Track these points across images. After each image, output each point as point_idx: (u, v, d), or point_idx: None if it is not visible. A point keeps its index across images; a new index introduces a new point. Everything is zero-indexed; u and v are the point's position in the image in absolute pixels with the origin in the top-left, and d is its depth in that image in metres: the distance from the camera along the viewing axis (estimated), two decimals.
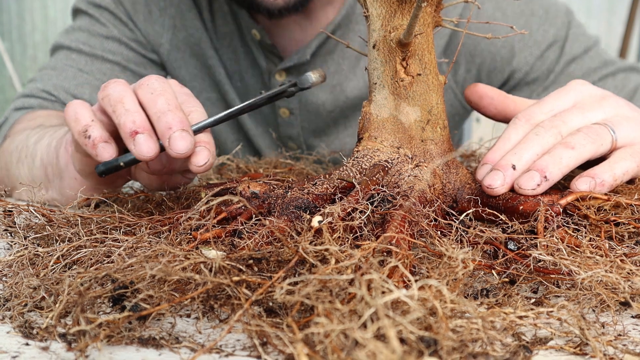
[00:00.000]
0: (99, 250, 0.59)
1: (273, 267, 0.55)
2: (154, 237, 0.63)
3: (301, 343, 0.42)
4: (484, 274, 0.60)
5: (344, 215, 0.62)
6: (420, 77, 0.71)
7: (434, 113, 0.72)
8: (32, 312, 0.53)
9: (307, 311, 0.50)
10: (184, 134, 0.66)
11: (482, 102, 0.78)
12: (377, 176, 0.69)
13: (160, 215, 0.71)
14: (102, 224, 0.67)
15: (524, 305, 0.53)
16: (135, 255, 0.55)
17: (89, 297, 0.48)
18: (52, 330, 0.48)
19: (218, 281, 0.50)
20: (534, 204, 0.66)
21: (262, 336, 0.47)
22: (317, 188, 0.68)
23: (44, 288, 0.54)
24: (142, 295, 0.48)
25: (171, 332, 0.50)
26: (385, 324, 0.38)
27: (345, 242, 0.58)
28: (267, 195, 0.69)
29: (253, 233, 0.60)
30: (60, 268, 0.58)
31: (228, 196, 0.55)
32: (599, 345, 0.48)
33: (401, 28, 0.68)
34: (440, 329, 0.43)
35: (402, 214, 0.61)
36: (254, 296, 0.49)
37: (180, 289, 0.52)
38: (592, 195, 0.68)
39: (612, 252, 0.61)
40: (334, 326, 0.41)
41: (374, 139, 0.73)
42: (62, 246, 0.60)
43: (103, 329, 0.46)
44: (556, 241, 0.58)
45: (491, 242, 0.63)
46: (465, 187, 0.73)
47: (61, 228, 0.65)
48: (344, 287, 0.46)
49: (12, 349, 0.47)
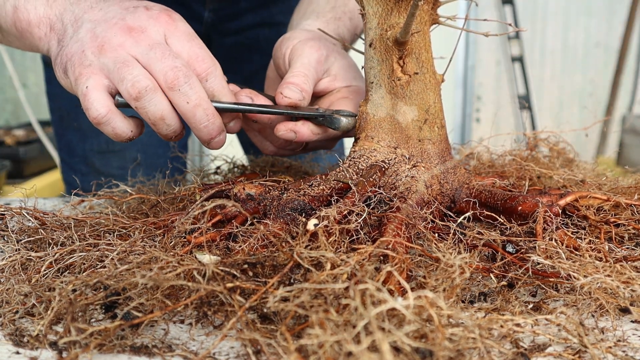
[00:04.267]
0: (92, 254, 0.58)
1: (268, 271, 0.54)
2: (148, 241, 0.62)
3: (294, 354, 0.41)
4: (482, 277, 0.60)
5: (340, 218, 0.61)
6: (417, 76, 0.69)
7: (432, 112, 0.71)
8: (24, 319, 0.52)
9: (302, 317, 0.49)
10: (222, 136, 0.74)
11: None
12: (374, 177, 0.68)
13: (155, 217, 0.70)
14: (96, 227, 0.66)
15: (522, 311, 0.52)
16: (129, 262, 0.54)
17: (80, 304, 0.48)
18: (42, 339, 0.48)
19: (211, 288, 0.49)
20: (533, 205, 0.65)
21: (255, 344, 0.46)
22: (313, 189, 0.67)
23: (35, 294, 0.53)
24: (134, 303, 0.47)
25: (164, 339, 0.49)
26: (378, 337, 0.38)
27: (342, 245, 0.57)
28: (262, 197, 0.68)
29: (248, 236, 0.60)
30: (53, 273, 0.57)
31: (222, 200, 0.54)
32: (597, 352, 0.47)
33: (398, 26, 0.67)
34: (437, 338, 0.42)
35: (399, 217, 0.60)
36: (248, 303, 0.48)
37: (174, 295, 0.51)
38: (591, 195, 0.67)
39: (612, 254, 0.60)
40: (328, 337, 0.40)
41: (370, 139, 0.72)
42: (55, 250, 0.59)
43: (94, 337, 0.46)
44: (555, 244, 0.57)
45: (489, 245, 0.62)
46: (464, 187, 0.72)
47: (54, 231, 0.64)
48: (339, 294, 0.46)
49: (2, 358, 0.47)
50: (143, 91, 0.67)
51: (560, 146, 0.90)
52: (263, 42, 1.29)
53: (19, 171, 2.70)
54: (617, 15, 4.13)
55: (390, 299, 0.41)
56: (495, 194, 0.69)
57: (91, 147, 1.25)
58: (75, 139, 1.27)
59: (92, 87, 0.68)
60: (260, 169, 0.92)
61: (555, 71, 4.22)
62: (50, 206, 0.95)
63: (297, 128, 0.76)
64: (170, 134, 0.72)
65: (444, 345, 0.42)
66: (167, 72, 0.68)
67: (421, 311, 0.44)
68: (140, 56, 0.69)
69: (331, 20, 0.90)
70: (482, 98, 4.17)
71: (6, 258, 0.60)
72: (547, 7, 4.14)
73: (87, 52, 0.69)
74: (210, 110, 0.71)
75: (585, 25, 4.18)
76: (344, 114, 0.75)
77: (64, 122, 1.28)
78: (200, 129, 0.71)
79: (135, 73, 0.67)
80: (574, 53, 4.21)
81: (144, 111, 0.69)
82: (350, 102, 0.78)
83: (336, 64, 0.81)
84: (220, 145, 0.74)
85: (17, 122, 3.42)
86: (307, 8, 0.97)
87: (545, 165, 0.83)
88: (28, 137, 2.89)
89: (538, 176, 0.80)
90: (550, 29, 4.17)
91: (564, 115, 4.23)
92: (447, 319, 0.46)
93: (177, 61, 0.68)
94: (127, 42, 0.69)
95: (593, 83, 4.25)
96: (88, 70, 0.69)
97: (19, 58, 3.31)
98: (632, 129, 3.80)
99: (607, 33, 4.17)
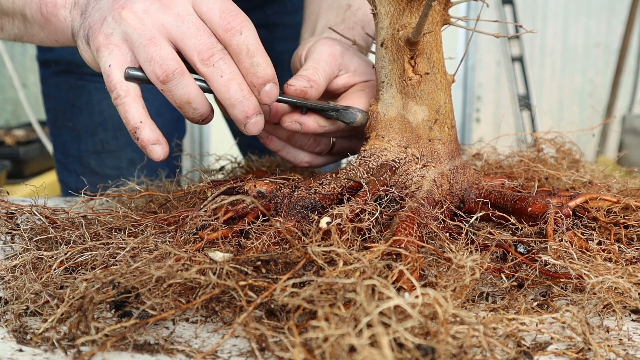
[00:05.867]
0: (104, 252, 0.58)
1: (281, 268, 0.54)
2: (160, 238, 0.62)
3: (298, 348, 0.41)
4: (492, 277, 0.60)
5: (352, 216, 0.61)
6: (428, 76, 0.70)
7: (442, 112, 0.71)
8: (30, 317, 0.52)
9: (310, 314, 0.49)
10: (260, 118, 0.69)
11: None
12: (384, 176, 0.68)
13: (164, 214, 0.70)
14: (106, 224, 0.66)
15: (528, 310, 0.53)
16: (142, 258, 0.55)
17: (97, 302, 0.48)
18: (45, 337, 0.48)
19: (224, 284, 0.49)
20: (543, 206, 0.65)
21: (260, 341, 0.46)
22: (324, 188, 0.67)
23: (46, 293, 0.53)
24: (149, 302, 0.47)
25: (167, 337, 0.49)
26: (379, 331, 0.38)
27: (354, 243, 0.58)
28: (273, 194, 0.68)
29: (260, 234, 0.60)
30: (63, 271, 0.57)
31: (240, 196, 0.54)
32: (601, 351, 0.47)
33: (410, 26, 0.67)
34: (440, 335, 0.42)
35: (410, 216, 0.60)
36: (260, 299, 0.48)
37: (184, 294, 0.51)
38: (601, 197, 0.67)
39: (622, 255, 0.60)
40: (332, 331, 0.40)
41: (381, 138, 0.72)
42: (66, 249, 0.59)
43: (101, 337, 0.45)
44: (566, 245, 0.58)
45: (501, 245, 0.62)
46: (473, 187, 0.72)
47: (65, 230, 0.64)
48: (350, 289, 0.46)
49: (6, 355, 0.46)
50: (171, 75, 0.64)
51: (567, 147, 0.90)
52: None
53: (19, 171, 2.70)
54: (617, 15, 4.14)
55: (395, 295, 0.41)
56: (504, 195, 0.69)
57: (86, 148, 1.25)
58: (70, 139, 1.26)
59: (115, 66, 0.65)
60: (266, 169, 0.92)
61: (555, 71, 4.23)
62: (52, 205, 0.95)
63: (303, 119, 0.74)
64: (197, 117, 0.69)
65: (447, 342, 0.42)
66: (203, 50, 0.65)
67: (427, 308, 0.44)
68: (170, 28, 0.65)
69: (344, 30, 0.89)
70: (482, 98, 4.17)
71: (17, 257, 0.60)
72: (547, 7, 4.14)
73: (109, 18, 0.66)
74: (245, 86, 0.67)
75: (585, 25, 4.18)
76: (354, 109, 0.75)
77: (59, 122, 1.27)
78: (235, 106, 0.67)
79: (164, 54, 0.64)
80: (574, 53, 4.21)
81: (170, 94, 0.66)
82: (366, 96, 0.77)
83: (354, 60, 0.80)
84: (259, 129, 0.70)
85: (17, 122, 3.41)
86: (315, 25, 0.96)
87: (553, 166, 0.84)
88: (28, 137, 2.88)
89: (546, 177, 0.80)
90: (550, 29, 4.17)
91: (564, 115, 4.24)
92: (454, 317, 0.46)
93: (212, 38, 0.66)
94: (152, 8, 0.66)
95: (593, 83, 4.26)
96: (109, 41, 0.65)
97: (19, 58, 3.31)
98: (632, 129, 3.80)
99: (607, 33, 4.17)
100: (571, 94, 4.25)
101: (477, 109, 4.17)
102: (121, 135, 1.23)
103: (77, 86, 1.24)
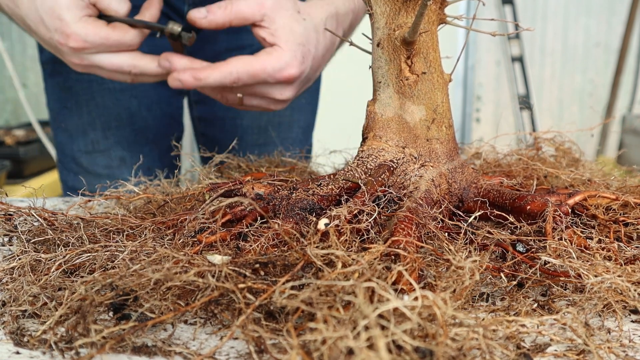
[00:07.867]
0: (102, 254, 0.58)
1: (279, 271, 0.54)
2: (158, 240, 0.62)
3: (296, 350, 0.41)
4: (491, 277, 0.60)
5: (350, 217, 0.61)
6: (425, 76, 0.69)
7: (439, 112, 0.71)
8: (27, 319, 0.52)
9: (308, 316, 0.49)
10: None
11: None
12: (382, 177, 0.68)
13: (163, 217, 0.70)
14: (104, 227, 0.66)
15: (529, 312, 0.52)
16: (140, 260, 0.54)
17: (96, 304, 0.48)
18: (43, 339, 0.48)
19: (223, 287, 0.49)
20: (542, 204, 0.65)
21: (259, 343, 0.46)
22: (322, 189, 0.67)
23: (44, 295, 0.53)
24: (148, 305, 0.47)
25: (165, 339, 0.49)
26: (376, 333, 0.38)
27: (353, 245, 0.57)
28: (271, 196, 0.68)
29: (259, 236, 0.60)
30: (61, 274, 0.57)
31: (238, 198, 0.54)
32: (601, 353, 0.47)
33: (406, 26, 0.67)
34: (439, 337, 0.42)
35: (409, 216, 0.60)
36: (258, 301, 0.48)
37: (183, 297, 0.51)
38: (600, 195, 0.67)
39: (621, 253, 0.60)
40: (330, 333, 0.40)
41: (379, 139, 0.72)
42: (64, 252, 0.59)
43: (99, 339, 0.45)
44: (565, 243, 0.57)
45: (499, 244, 0.62)
46: (471, 186, 0.72)
47: (63, 232, 0.64)
48: (349, 292, 0.46)
49: (3, 358, 0.46)
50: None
51: (566, 146, 0.90)
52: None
53: (19, 171, 2.70)
54: (617, 15, 4.14)
55: (392, 297, 0.41)
56: (503, 194, 0.69)
57: (79, 148, 1.27)
58: (65, 139, 1.29)
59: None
60: (265, 169, 0.92)
61: (555, 71, 4.23)
62: (51, 206, 0.95)
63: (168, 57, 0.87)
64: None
65: (446, 344, 0.42)
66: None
67: (426, 310, 0.44)
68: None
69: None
70: (482, 98, 4.17)
71: (15, 259, 0.60)
72: (547, 7, 4.14)
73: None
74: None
75: (585, 25, 4.18)
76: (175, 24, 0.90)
77: (55, 122, 1.30)
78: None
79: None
80: (574, 53, 4.21)
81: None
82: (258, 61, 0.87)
83: (282, 21, 0.88)
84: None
85: (17, 122, 3.42)
86: None
87: (552, 164, 0.84)
88: (28, 137, 2.89)
89: (545, 176, 0.80)
90: (550, 29, 4.17)
91: (564, 115, 4.24)
92: (453, 319, 0.45)
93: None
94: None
95: (593, 83, 4.25)
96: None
97: (19, 58, 3.32)
98: (632, 129, 3.80)
99: (607, 33, 4.17)
100: (571, 94, 4.25)
101: (477, 108, 4.17)
102: (110, 135, 1.25)
103: (65, 87, 1.26)
